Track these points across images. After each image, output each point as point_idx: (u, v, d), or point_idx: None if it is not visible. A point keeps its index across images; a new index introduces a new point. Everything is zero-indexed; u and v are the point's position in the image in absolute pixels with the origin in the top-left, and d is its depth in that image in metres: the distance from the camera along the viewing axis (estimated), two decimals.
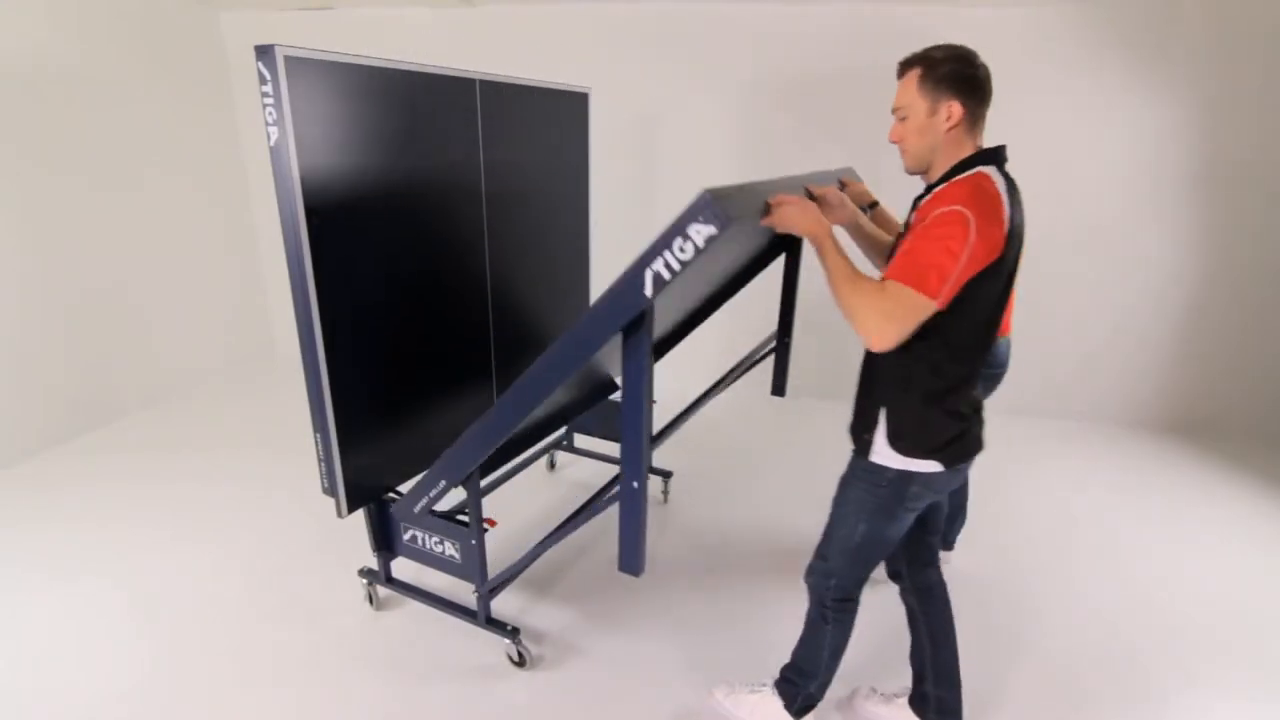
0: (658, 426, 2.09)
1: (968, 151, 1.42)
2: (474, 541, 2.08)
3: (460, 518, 2.11)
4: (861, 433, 1.56)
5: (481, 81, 2.28)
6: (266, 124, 1.68)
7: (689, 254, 1.30)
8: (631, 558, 1.64)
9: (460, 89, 2.20)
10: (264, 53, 1.62)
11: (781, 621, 2.35)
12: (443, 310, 2.30)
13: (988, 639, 2.29)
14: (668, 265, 1.34)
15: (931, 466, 1.49)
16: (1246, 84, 3.43)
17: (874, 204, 2.09)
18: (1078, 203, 3.75)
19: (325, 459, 1.99)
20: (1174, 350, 3.92)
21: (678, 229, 1.30)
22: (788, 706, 1.86)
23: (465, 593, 2.28)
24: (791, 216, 1.43)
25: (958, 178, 1.39)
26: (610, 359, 1.88)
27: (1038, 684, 2.12)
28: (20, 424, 3.45)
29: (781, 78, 3.88)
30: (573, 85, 2.78)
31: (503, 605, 2.41)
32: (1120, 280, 3.84)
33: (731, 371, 2.46)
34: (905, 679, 1.96)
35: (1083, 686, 2.11)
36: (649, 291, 1.38)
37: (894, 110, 1.50)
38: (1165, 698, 2.06)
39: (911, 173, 1.52)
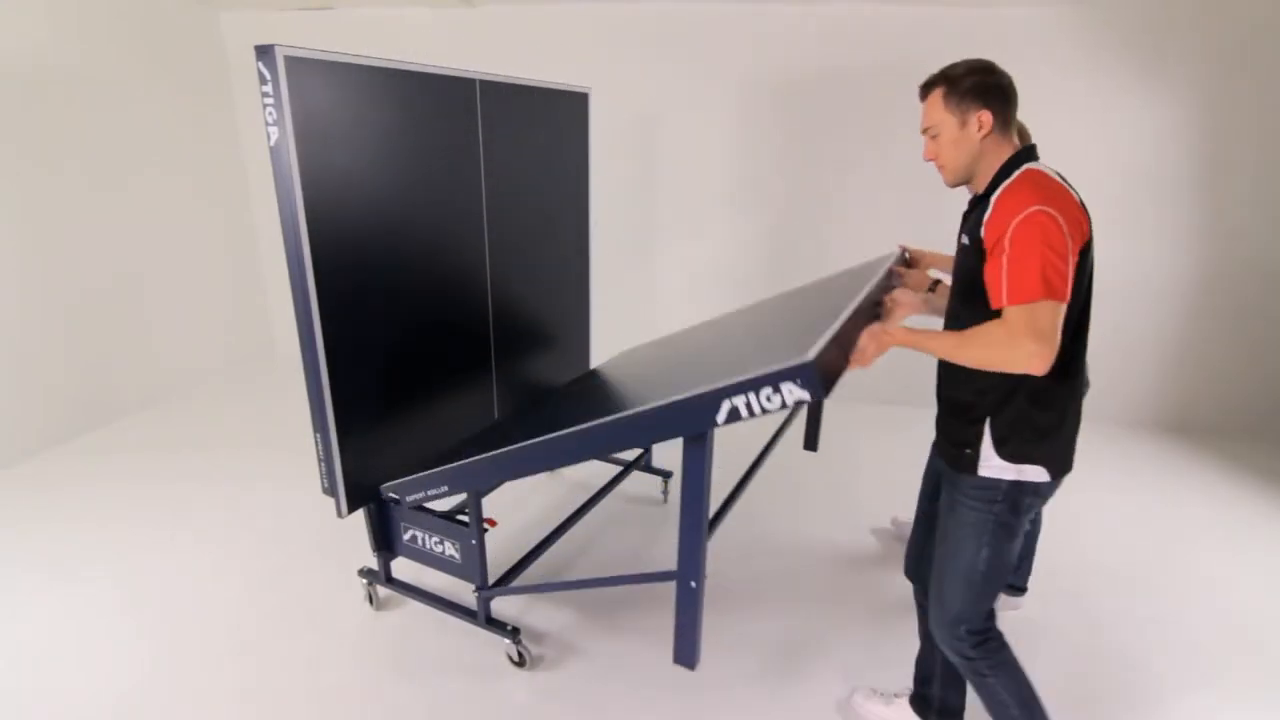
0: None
1: (1008, 153, 1.43)
2: (474, 541, 2.08)
3: (460, 518, 2.11)
4: (963, 448, 1.49)
5: (481, 81, 2.28)
6: (266, 124, 1.68)
7: (773, 406, 1.32)
8: (687, 651, 1.66)
9: (460, 89, 2.20)
10: (264, 53, 1.62)
11: (778, 619, 2.35)
12: (443, 310, 2.30)
13: None
14: (749, 407, 1.35)
15: (1040, 474, 1.44)
16: (1246, 84, 3.43)
17: (935, 284, 2.07)
18: None
19: (325, 459, 1.99)
20: (1174, 350, 3.92)
21: (772, 380, 1.30)
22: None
23: (465, 593, 2.28)
24: (872, 354, 1.47)
25: (1007, 182, 1.38)
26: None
27: (1038, 684, 2.11)
28: (20, 424, 3.45)
29: (781, 78, 3.89)
30: (573, 85, 2.78)
31: (503, 605, 2.41)
32: (1120, 280, 3.84)
33: (768, 446, 2.56)
34: (905, 678, 1.97)
35: (1083, 686, 2.11)
36: (721, 419, 1.39)
37: (924, 130, 1.51)
38: (1166, 698, 2.06)
39: (953, 185, 1.52)
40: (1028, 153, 1.43)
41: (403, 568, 2.44)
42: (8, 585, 2.51)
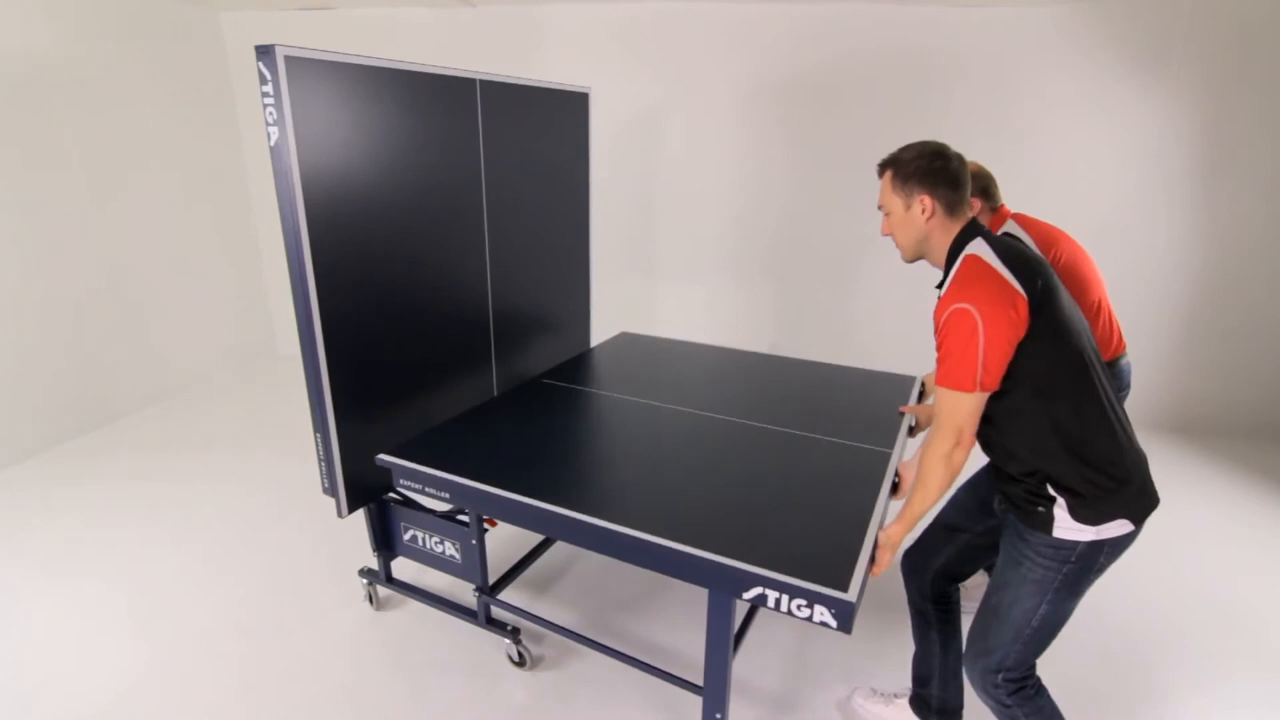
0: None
1: (954, 234, 1.48)
2: (474, 541, 2.08)
3: (460, 518, 2.11)
4: (1034, 507, 1.43)
5: (481, 81, 2.28)
6: (266, 124, 1.69)
7: (800, 616, 1.40)
8: None
9: (460, 89, 2.21)
10: (264, 53, 1.62)
11: (773, 616, 2.35)
12: (443, 310, 2.31)
13: None
14: (777, 604, 1.43)
15: (1122, 527, 1.38)
16: (1246, 84, 3.43)
17: None
18: (1078, 202, 3.75)
19: (325, 459, 1.99)
20: (1174, 350, 3.92)
21: (810, 596, 1.39)
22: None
23: (465, 593, 2.28)
24: (888, 561, 1.55)
25: (954, 268, 1.44)
26: None
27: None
28: (20, 424, 3.45)
29: (781, 78, 3.88)
30: (573, 85, 2.78)
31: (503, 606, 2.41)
32: (1121, 280, 3.84)
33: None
34: (905, 678, 1.96)
35: (1083, 686, 2.11)
36: (746, 599, 1.47)
37: (879, 208, 1.58)
38: (1166, 698, 2.06)
39: (909, 261, 1.59)
40: (970, 231, 1.46)
41: (403, 568, 2.44)
42: (7, 585, 2.51)
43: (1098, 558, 1.40)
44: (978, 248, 1.42)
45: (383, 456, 1.96)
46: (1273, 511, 3.12)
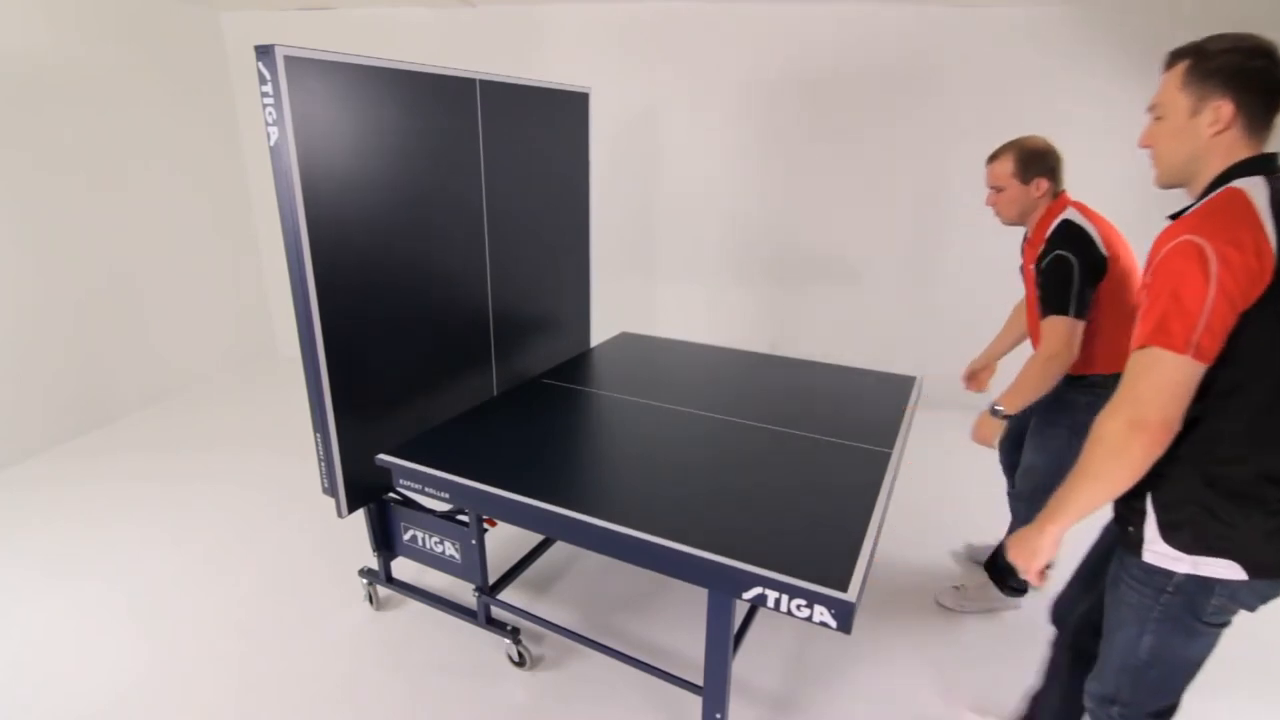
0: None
1: (1238, 160, 1.14)
2: (474, 541, 2.08)
3: (460, 518, 2.11)
4: (1126, 524, 1.24)
5: (481, 81, 2.28)
6: (266, 124, 1.69)
7: (800, 616, 1.41)
8: None
9: (460, 89, 2.20)
10: (264, 53, 1.62)
11: (773, 616, 2.35)
12: (443, 311, 2.31)
13: (987, 638, 2.29)
14: (777, 604, 1.43)
15: (1232, 571, 1.14)
16: None
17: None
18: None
19: (325, 459, 1.99)
20: None
21: (809, 596, 1.39)
22: None
23: (465, 593, 2.28)
24: (1035, 572, 1.28)
25: (1207, 198, 1.13)
26: None
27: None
28: (20, 424, 3.45)
29: (782, 78, 3.88)
30: (573, 85, 2.78)
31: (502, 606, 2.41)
32: None
33: None
34: (906, 678, 1.96)
35: None
36: (746, 599, 1.47)
37: (1149, 109, 1.24)
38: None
39: (1163, 186, 1.26)
40: (1251, 165, 1.13)
41: (403, 568, 2.44)
42: (8, 585, 2.51)
43: (1207, 599, 1.16)
44: (1250, 184, 1.09)
45: (382, 456, 1.96)
46: None
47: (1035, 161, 2.08)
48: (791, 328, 4.32)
